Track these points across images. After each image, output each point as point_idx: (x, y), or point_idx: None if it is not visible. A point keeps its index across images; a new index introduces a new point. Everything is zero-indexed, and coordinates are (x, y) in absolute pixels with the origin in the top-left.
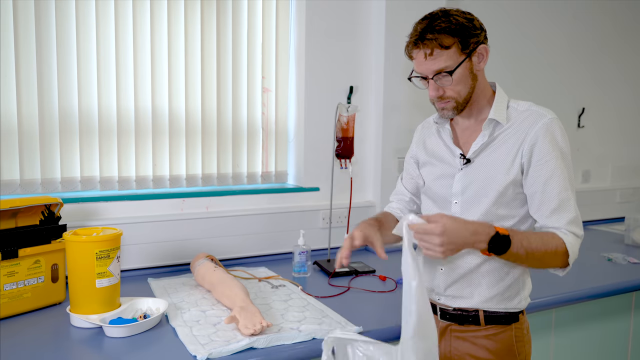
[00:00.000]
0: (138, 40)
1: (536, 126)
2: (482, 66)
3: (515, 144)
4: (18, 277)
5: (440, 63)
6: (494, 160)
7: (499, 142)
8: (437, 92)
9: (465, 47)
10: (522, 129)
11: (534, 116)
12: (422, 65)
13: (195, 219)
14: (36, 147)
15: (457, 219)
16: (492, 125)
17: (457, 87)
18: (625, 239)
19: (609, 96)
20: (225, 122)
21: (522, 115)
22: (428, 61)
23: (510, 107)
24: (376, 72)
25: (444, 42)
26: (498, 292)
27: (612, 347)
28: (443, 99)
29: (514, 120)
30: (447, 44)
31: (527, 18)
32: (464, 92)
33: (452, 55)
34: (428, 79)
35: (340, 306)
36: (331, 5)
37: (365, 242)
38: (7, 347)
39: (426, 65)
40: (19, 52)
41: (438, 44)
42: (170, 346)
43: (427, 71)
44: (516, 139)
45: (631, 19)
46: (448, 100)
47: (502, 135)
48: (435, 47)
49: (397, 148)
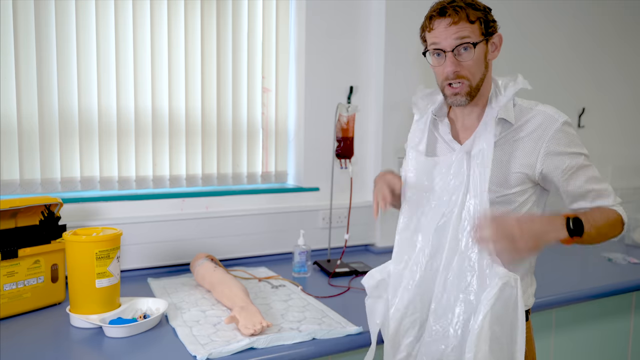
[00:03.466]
0: (138, 40)
1: (550, 131)
2: (494, 55)
3: (527, 148)
4: (18, 277)
5: (465, 32)
6: (499, 160)
7: (506, 142)
8: (455, 67)
9: (487, 28)
10: (535, 133)
11: (547, 121)
12: (444, 34)
13: (195, 219)
14: (36, 147)
15: (521, 217)
16: (500, 125)
17: (473, 68)
18: (625, 239)
19: (609, 96)
20: (225, 122)
21: (532, 116)
22: (452, 29)
23: (516, 105)
24: (376, 72)
25: (471, 16)
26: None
27: (612, 347)
28: (459, 78)
29: (523, 121)
30: (473, 18)
31: (527, 18)
32: (478, 77)
33: (474, 31)
34: (447, 52)
35: (340, 306)
36: (331, 5)
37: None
38: (7, 347)
39: (449, 33)
40: (19, 52)
41: (465, 15)
42: (170, 346)
43: (449, 40)
44: (528, 143)
45: (631, 19)
46: (462, 82)
47: (509, 135)
48: (462, 18)
49: (397, 148)
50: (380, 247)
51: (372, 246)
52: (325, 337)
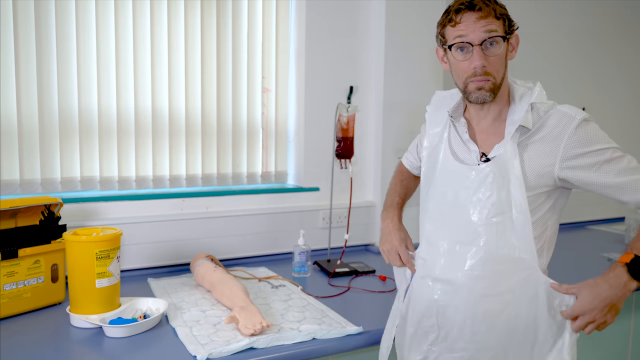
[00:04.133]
0: (138, 40)
1: (567, 130)
2: (512, 56)
3: (544, 151)
4: (18, 277)
5: (493, 26)
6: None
7: (522, 146)
8: (483, 61)
9: (509, 27)
10: (552, 134)
11: (563, 120)
12: (472, 27)
13: (195, 219)
14: (36, 147)
15: (586, 285)
16: (518, 131)
17: (498, 65)
18: (626, 239)
19: (609, 96)
20: (225, 122)
21: (548, 117)
22: (481, 23)
23: (534, 108)
24: (376, 72)
25: (498, 12)
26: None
27: (612, 347)
28: (485, 74)
29: (540, 123)
30: (500, 14)
31: (527, 18)
32: (501, 74)
33: (500, 27)
34: (474, 45)
35: (340, 306)
36: (331, 5)
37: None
38: (7, 347)
39: (478, 26)
40: (19, 52)
41: (493, 10)
42: (170, 346)
43: (477, 33)
44: (545, 145)
45: (631, 19)
46: (488, 78)
47: (528, 140)
48: (491, 13)
49: (397, 148)
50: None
51: (372, 246)
52: (325, 337)
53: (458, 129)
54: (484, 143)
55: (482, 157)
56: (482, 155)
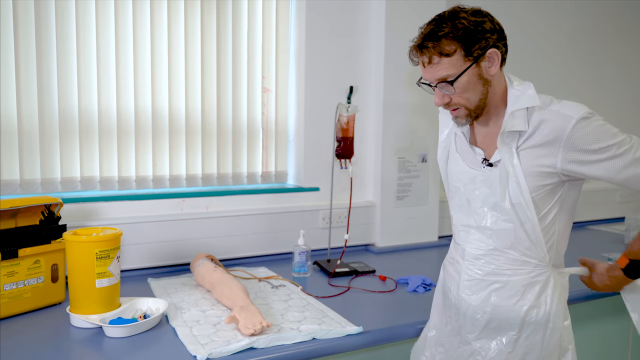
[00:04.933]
0: (138, 40)
1: (565, 133)
2: (493, 71)
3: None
4: (18, 277)
5: (442, 71)
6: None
7: (524, 150)
8: (442, 100)
9: (469, 54)
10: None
11: (560, 122)
12: (425, 72)
13: (195, 219)
14: (36, 147)
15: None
16: (514, 137)
17: (465, 94)
18: (625, 239)
19: (609, 96)
20: (225, 122)
21: (544, 118)
22: (429, 69)
23: (535, 108)
24: (376, 72)
25: (444, 50)
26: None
27: (612, 347)
28: (450, 106)
29: (536, 123)
30: (448, 51)
31: (527, 18)
32: (474, 99)
33: (455, 63)
34: (432, 86)
35: (340, 306)
36: (331, 5)
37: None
38: (7, 347)
39: (428, 72)
40: (19, 52)
41: (437, 52)
42: (170, 346)
43: (430, 78)
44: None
45: (631, 19)
46: (457, 108)
47: (526, 142)
48: (435, 54)
49: (397, 148)
50: (380, 247)
51: (372, 246)
52: (325, 337)
53: (463, 134)
54: (488, 147)
55: (485, 162)
56: (484, 160)
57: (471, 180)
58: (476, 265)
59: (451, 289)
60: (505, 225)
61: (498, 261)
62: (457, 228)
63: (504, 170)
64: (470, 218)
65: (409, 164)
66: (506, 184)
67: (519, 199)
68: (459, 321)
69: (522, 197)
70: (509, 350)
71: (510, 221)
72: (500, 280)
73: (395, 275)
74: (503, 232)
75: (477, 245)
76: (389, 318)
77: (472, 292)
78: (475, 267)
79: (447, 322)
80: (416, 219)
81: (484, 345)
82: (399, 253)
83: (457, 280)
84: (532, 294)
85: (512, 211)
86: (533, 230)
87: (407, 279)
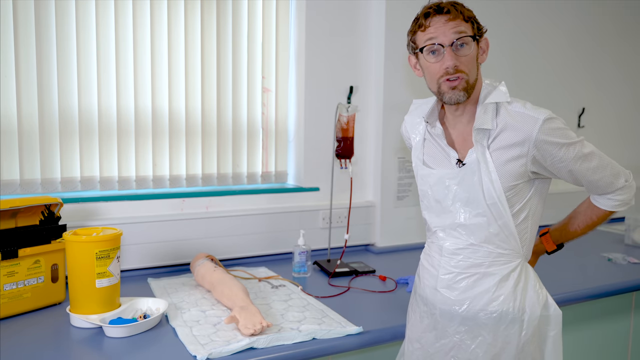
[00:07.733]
0: (138, 40)
1: (533, 132)
2: (483, 59)
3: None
4: (18, 277)
5: (462, 28)
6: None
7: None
8: (454, 61)
9: (478, 30)
10: (520, 138)
11: (527, 121)
12: (442, 29)
13: (195, 219)
14: (36, 147)
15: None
16: (484, 135)
17: (470, 64)
18: (625, 239)
19: (609, 96)
20: (225, 122)
21: (510, 119)
22: (450, 25)
23: (501, 109)
24: (376, 72)
25: (466, 15)
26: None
27: (612, 347)
28: (458, 72)
29: (506, 124)
30: (468, 17)
31: (527, 17)
32: (473, 74)
33: (469, 29)
34: (445, 47)
35: (340, 306)
36: (331, 5)
37: None
38: (7, 347)
39: (447, 28)
40: (19, 52)
41: (461, 13)
42: (170, 346)
43: (448, 35)
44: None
45: (631, 19)
46: (460, 76)
47: (495, 141)
48: (459, 16)
49: (397, 148)
50: (380, 247)
51: (372, 246)
52: (325, 337)
53: (435, 137)
54: (462, 147)
55: (459, 163)
56: (458, 161)
57: (438, 181)
58: (454, 260)
59: (428, 285)
60: (479, 219)
61: (475, 255)
62: (431, 228)
63: (476, 164)
64: (442, 218)
65: (409, 164)
66: (477, 183)
67: (492, 197)
68: (434, 316)
69: (494, 192)
70: (489, 341)
71: (484, 215)
72: (478, 272)
73: (395, 275)
74: (477, 226)
75: (454, 241)
76: (389, 318)
77: (450, 287)
78: (453, 261)
79: (421, 318)
80: (416, 219)
81: (463, 337)
82: (399, 253)
83: (435, 275)
84: (508, 286)
85: (485, 206)
86: (507, 226)
87: (407, 279)
